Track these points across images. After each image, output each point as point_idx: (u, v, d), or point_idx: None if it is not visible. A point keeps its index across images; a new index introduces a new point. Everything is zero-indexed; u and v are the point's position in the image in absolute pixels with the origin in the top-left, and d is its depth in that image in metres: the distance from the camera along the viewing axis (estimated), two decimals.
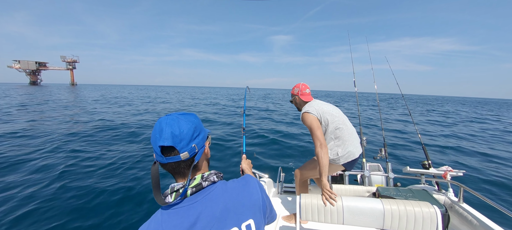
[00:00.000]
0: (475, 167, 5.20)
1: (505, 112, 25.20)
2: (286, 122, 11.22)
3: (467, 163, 5.55)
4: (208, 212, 0.61)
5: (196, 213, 0.60)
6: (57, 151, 5.46)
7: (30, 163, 4.60)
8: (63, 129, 7.89)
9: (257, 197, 0.68)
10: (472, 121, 14.65)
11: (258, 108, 17.68)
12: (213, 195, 0.64)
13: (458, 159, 5.90)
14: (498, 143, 8.01)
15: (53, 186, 3.59)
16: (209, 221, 0.60)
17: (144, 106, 17.53)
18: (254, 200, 0.67)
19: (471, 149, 6.91)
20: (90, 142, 6.37)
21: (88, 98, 24.67)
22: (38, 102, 18.18)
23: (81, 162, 4.74)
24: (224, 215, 0.61)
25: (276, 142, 7.08)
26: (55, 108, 14.51)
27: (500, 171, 4.98)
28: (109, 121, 9.76)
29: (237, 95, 45.21)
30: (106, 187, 3.63)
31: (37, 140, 6.42)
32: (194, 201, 0.62)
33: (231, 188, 0.67)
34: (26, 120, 9.61)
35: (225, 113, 14.66)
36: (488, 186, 4.15)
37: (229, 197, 0.64)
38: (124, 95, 31.45)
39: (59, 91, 39.30)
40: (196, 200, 0.62)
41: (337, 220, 1.43)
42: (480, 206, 1.93)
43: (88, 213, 2.99)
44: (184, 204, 0.61)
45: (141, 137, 7.26)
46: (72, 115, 11.48)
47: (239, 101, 26.42)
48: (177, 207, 0.61)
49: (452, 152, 6.60)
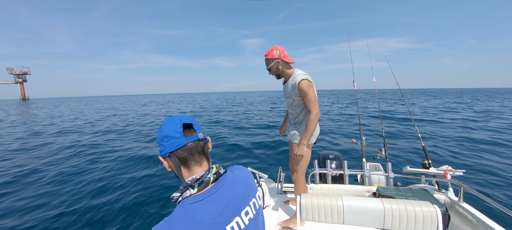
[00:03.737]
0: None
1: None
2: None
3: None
4: (235, 194, 0.69)
5: (226, 199, 0.66)
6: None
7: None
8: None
9: (252, 176, 0.83)
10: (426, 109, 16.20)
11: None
12: (231, 179, 0.72)
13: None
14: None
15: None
16: (236, 201, 0.68)
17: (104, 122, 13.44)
18: (252, 178, 0.82)
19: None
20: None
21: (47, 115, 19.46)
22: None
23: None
24: (245, 193, 0.72)
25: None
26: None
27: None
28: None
29: (206, 101, 42.93)
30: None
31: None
32: (218, 188, 0.68)
33: (237, 172, 0.77)
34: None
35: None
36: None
37: (241, 179, 0.75)
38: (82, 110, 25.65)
39: (7, 108, 33.14)
40: (218, 187, 0.68)
41: (337, 220, 1.43)
42: (481, 205, 1.93)
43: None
44: (210, 192, 0.66)
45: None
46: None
47: (207, 107, 23.99)
48: (206, 196, 0.65)
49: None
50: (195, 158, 0.69)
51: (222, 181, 0.70)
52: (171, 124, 0.68)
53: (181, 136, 0.66)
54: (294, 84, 1.81)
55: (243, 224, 0.68)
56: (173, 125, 0.67)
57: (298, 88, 1.76)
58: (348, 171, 2.38)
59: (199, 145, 0.70)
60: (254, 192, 0.77)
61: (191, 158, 0.68)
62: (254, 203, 0.75)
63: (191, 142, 0.68)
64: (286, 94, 1.95)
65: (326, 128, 9.89)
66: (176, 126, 0.67)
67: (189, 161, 0.68)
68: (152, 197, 3.64)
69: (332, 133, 8.89)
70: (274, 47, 1.83)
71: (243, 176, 0.77)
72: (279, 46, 1.84)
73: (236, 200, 0.68)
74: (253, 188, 0.77)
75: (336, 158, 2.57)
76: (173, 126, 0.67)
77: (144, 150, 6.52)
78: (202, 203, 0.63)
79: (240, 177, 0.75)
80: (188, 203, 0.62)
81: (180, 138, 0.66)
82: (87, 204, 3.40)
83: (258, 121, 12.04)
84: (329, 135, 8.54)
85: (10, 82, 77.17)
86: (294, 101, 1.88)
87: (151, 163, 5.31)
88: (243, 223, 0.68)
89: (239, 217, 0.67)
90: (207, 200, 0.64)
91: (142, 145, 7.25)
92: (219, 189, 0.67)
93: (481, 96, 37.37)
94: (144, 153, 6.10)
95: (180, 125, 0.68)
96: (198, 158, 0.70)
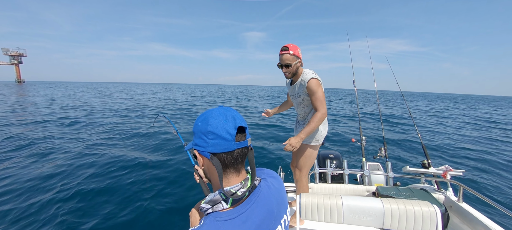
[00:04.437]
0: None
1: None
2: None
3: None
4: (268, 211, 0.62)
5: (259, 217, 0.59)
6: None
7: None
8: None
9: (284, 189, 0.75)
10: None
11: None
12: (265, 192, 0.65)
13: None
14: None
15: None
16: (269, 221, 0.62)
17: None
18: (284, 191, 0.73)
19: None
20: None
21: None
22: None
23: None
24: (278, 210, 0.65)
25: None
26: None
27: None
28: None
29: (203, 91, 43.61)
30: None
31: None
32: (251, 204, 0.60)
33: (271, 183, 0.69)
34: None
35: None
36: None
37: (275, 192, 0.67)
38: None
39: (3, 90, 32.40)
40: (252, 202, 0.61)
41: (337, 219, 1.44)
42: (480, 205, 1.94)
43: None
44: (244, 209, 0.59)
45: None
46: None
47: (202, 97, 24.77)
48: (239, 214, 0.57)
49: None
50: (236, 166, 0.61)
51: (256, 195, 0.62)
52: (222, 121, 0.58)
53: (232, 140, 0.57)
54: (303, 83, 1.77)
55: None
56: (225, 123, 0.58)
57: (307, 86, 1.72)
58: (348, 171, 2.39)
59: (244, 153, 0.61)
60: (285, 208, 0.69)
61: (232, 166, 0.60)
62: (285, 220, 0.68)
63: (239, 149, 0.59)
64: (294, 94, 1.89)
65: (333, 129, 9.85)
66: (228, 126, 0.57)
67: (229, 168, 0.60)
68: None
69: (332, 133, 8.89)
70: (296, 46, 1.73)
71: (277, 189, 0.69)
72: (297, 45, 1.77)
73: (269, 219, 0.62)
74: (285, 204, 0.70)
75: (336, 158, 2.58)
76: (224, 125, 0.57)
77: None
78: (235, 221, 0.56)
79: (274, 189, 0.68)
80: (220, 219, 0.56)
81: (230, 142, 0.57)
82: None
83: (255, 118, 12.04)
84: (329, 135, 8.54)
85: (5, 64, 73.84)
86: (303, 101, 1.84)
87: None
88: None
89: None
90: (240, 218, 0.56)
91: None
92: (252, 206, 0.60)
93: (477, 103, 38.17)
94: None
95: (234, 127, 0.58)
96: (239, 167, 0.62)
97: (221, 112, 0.60)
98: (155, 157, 5.18)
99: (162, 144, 6.21)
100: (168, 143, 6.22)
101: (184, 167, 4.59)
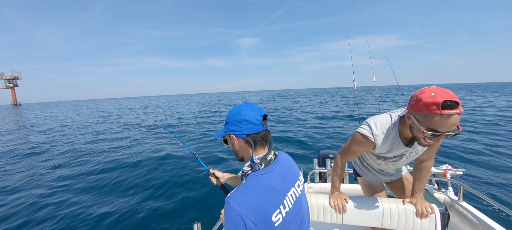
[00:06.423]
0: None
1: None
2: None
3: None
4: (288, 170, 0.87)
5: (283, 172, 0.84)
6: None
7: None
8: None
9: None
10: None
11: None
12: (283, 160, 0.89)
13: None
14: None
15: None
16: (290, 176, 0.86)
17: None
18: (294, 162, 0.98)
19: None
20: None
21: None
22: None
23: None
24: (295, 169, 0.92)
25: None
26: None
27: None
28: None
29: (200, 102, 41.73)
30: None
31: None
32: (277, 165, 0.84)
33: (284, 156, 0.94)
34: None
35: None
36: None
37: (289, 161, 0.93)
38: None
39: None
40: (277, 164, 0.85)
41: (336, 218, 1.43)
42: (480, 204, 1.92)
43: None
44: (273, 167, 0.82)
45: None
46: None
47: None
48: (270, 170, 0.81)
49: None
50: (262, 143, 0.86)
51: (278, 160, 0.86)
52: (251, 111, 0.83)
53: (259, 124, 0.83)
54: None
55: (297, 193, 0.85)
56: (253, 112, 0.83)
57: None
58: (348, 170, 2.38)
59: (266, 133, 0.87)
60: (299, 171, 0.95)
61: (259, 143, 0.85)
62: (300, 179, 0.93)
63: (264, 130, 0.85)
64: (415, 152, 1.32)
65: (326, 128, 9.91)
66: (256, 114, 0.83)
67: (258, 144, 0.85)
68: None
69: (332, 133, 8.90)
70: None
71: (290, 159, 0.95)
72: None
73: (290, 174, 0.86)
74: (297, 169, 0.95)
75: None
76: (253, 114, 0.83)
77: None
78: (270, 174, 0.80)
79: (288, 159, 0.93)
80: (259, 174, 0.79)
81: (259, 125, 0.83)
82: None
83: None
84: (330, 135, 8.55)
85: (1, 88, 73.53)
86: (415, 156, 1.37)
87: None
88: (297, 192, 0.85)
89: (293, 187, 0.84)
90: (272, 172, 0.80)
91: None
92: (278, 165, 0.84)
93: (476, 90, 38.29)
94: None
95: (260, 114, 0.84)
96: (263, 143, 0.87)
97: (249, 106, 0.86)
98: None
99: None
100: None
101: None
